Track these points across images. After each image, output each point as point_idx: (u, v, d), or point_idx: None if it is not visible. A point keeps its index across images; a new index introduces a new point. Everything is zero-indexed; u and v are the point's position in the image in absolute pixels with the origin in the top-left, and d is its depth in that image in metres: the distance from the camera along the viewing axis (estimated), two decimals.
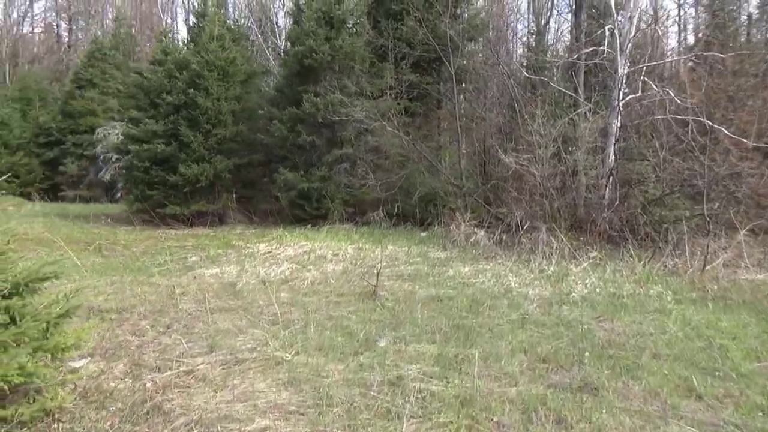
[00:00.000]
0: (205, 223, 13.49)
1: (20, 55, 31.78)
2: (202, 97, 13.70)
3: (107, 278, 7.62)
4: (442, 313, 6.00)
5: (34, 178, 23.06)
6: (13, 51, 31.04)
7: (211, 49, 14.12)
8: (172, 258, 9.28)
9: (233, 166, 13.84)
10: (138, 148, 14.18)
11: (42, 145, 23.38)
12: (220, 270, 8.29)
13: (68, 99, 23.30)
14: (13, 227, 4.76)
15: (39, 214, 16.47)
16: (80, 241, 10.95)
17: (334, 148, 12.93)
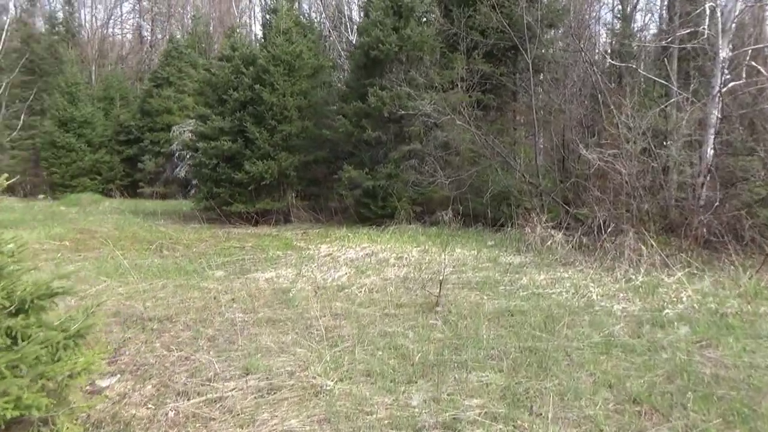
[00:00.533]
0: (270, 222, 13.23)
1: (106, 56, 33.16)
2: (268, 92, 13.43)
3: (160, 281, 7.35)
4: (512, 332, 5.23)
5: (115, 175, 23.87)
6: (100, 52, 32.43)
7: (277, 43, 13.83)
8: (230, 259, 8.97)
9: (299, 163, 13.50)
10: (206, 146, 14.12)
11: (122, 143, 24.15)
12: (276, 274, 7.86)
13: (146, 97, 23.93)
14: (29, 238, 4.41)
15: (115, 211, 16.89)
16: (144, 240, 10.90)
17: (401, 144, 12.29)
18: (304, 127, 13.59)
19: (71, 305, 5.69)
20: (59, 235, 11.27)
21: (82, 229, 12.27)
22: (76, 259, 8.99)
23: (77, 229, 12.27)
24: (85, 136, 23.25)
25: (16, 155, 25.08)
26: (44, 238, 10.94)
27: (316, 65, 14.77)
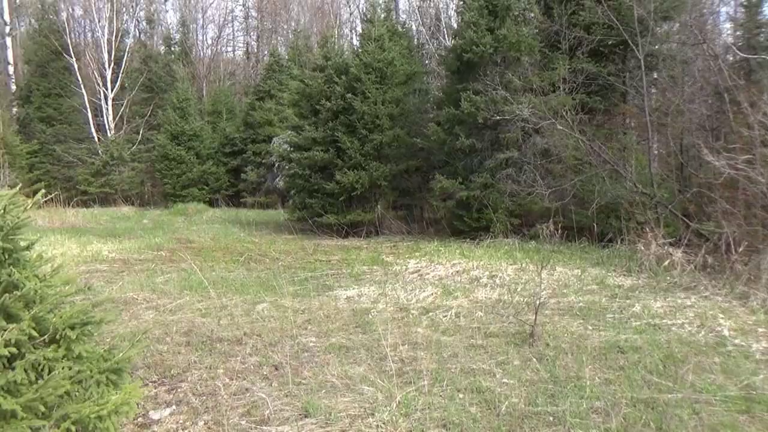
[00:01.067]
0: (360, 234, 12.90)
1: (216, 72, 34.81)
2: (359, 101, 13.15)
3: (240, 297, 7.12)
4: (623, 376, 4.38)
5: (221, 185, 24.78)
6: (210, 69, 34.10)
7: (369, 50, 13.54)
8: (313, 274, 8.65)
9: (390, 173, 13.07)
10: (299, 156, 14.11)
11: (227, 154, 25.05)
12: (358, 292, 7.41)
13: (249, 110, 24.69)
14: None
15: (217, 221, 17.36)
16: (235, 251, 10.90)
17: (497, 152, 11.49)
18: (396, 135, 13.16)
19: (143, 324, 5.56)
20: (157, 245, 11.57)
21: (181, 238, 12.57)
22: (168, 269, 9.06)
23: (176, 238, 12.59)
24: (194, 149, 24.33)
25: (135, 167, 26.72)
26: (143, 248, 11.26)
27: (409, 72, 14.32)
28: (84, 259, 10.17)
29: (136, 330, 5.56)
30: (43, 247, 10.26)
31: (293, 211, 14.53)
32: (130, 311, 6.56)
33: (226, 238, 12.86)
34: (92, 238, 13.06)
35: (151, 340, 5.38)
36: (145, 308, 6.67)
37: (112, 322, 3.60)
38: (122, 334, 5.38)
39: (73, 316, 3.07)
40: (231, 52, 40.11)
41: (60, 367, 2.95)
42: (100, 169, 25.45)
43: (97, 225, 16.46)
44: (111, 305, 6.86)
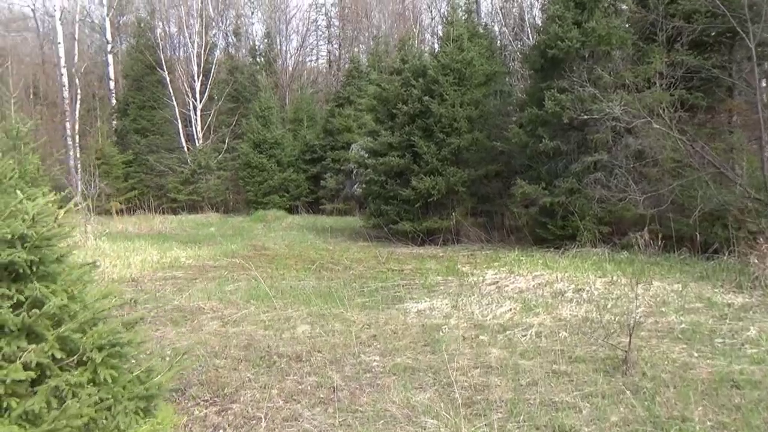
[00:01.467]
0: (437, 242, 12.38)
1: (298, 81, 35.45)
2: (437, 103, 12.68)
3: (306, 308, 6.82)
4: (739, 419, 3.63)
5: (300, 192, 25.01)
6: (293, 78, 34.76)
7: (447, 51, 13.05)
8: (384, 285, 8.23)
9: (468, 179, 12.48)
10: (375, 162, 13.81)
11: (308, 162, 25.25)
12: (430, 305, 6.91)
13: (329, 117, 24.79)
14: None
15: (294, 228, 17.40)
16: (308, 259, 10.71)
17: (585, 154, 10.63)
18: (475, 139, 12.56)
19: (204, 336, 5.33)
20: (233, 252, 11.60)
21: (257, 245, 12.58)
22: (239, 277, 8.95)
23: (252, 245, 12.61)
24: (276, 156, 24.72)
25: (221, 175, 27.54)
26: (219, 255, 11.31)
27: (489, 72, 13.69)
28: (162, 265, 10.31)
29: (190, 345, 5.35)
30: (87, 258, 10.51)
31: (368, 218, 14.25)
32: (195, 321, 6.41)
33: (300, 245, 12.75)
34: (174, 244, 13.34)
35: (209, 353, 5.15)
36: (210, 318, 6.51)
37: (142, 343, 3.28)
38: (178, 349, 5.17)
39: (101, 336, 2.80)
40: (313, 60, 40.78)
41: (84, 394, 2.69)
42: (189, 177, 26.42)
43: (182, 231, 16.93)
44: (144, 326, 6.77)
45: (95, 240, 12.53)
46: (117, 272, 9.66)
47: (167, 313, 6.81)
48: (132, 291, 8.13)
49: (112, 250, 11.80)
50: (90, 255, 11.04)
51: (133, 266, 10.12)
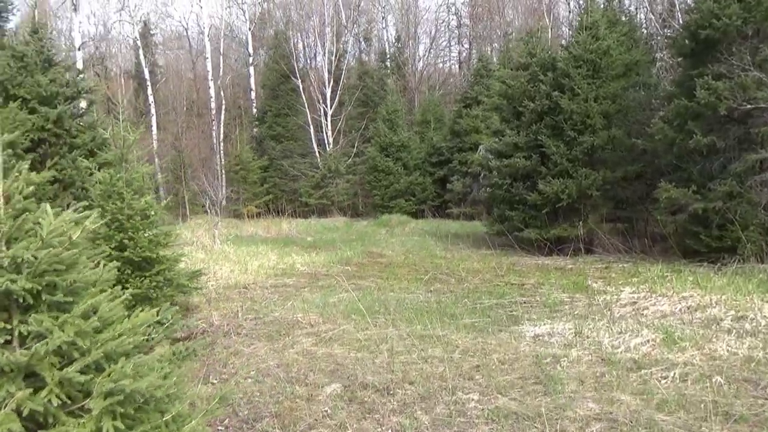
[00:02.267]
0: (566, 252, 11.16)
1: (428, 82, 35.10)
2: (567, 98, 11.48)
3: (409, 327, 6.20)
4: None
5: (427, 196, 24.52)
6: (422, 80, 34.45)
7: (579, 41, 11.79)
8: (500, 301, 7.37)
9: (603, 181, 11.14)
10: (499, 164, 12.89)
11: (434, 165, 24.69)
12: (550, 329, 5.98)
13: (456, 118, 24.04)
14: None
15: (416, 233, 16.93)
16: (422, 268, 10.10)
17: (748, 152, 8.91)
18: (611, 137, 11.17)
19: (291, 356, 4.89)
20: (347, 259, 11.32)
21: (372, 252, 12.22)
22: (348, 287, 8.56)
23: (368, 252, 12.27)
24: (402, 160, 24.49)
25: (350, 179, 27.91)
26: (334, 262, 11.07)
27: (629, 62, 12.18)
28: (276, 271, 10.26)
29: (271, 366, 4.94)
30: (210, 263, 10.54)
31: (492, 224, 13.34)
32: (289, 336, 6.05)
33: (418, 253, 12.18)
34: (295, 249, 13.41)
35: (291, 378, 4.71)
36: (305, 334, 6.12)
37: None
38: (262, 369, 4.79)
39: (111, 379, 2.37)
40: (443, 62, 40.21)
41: None
42: (319, 181, 27.04)
43: (306, 236, 17.12)
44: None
45: (221, 244, 12.92)
46: (234, 277, 9.73)
47: (265, 326, 6.55)
48: (240, 299, 8.04)
49: (235, 254, 12.05)
50: (213, 259, 11.34)
51: (249, 272, 10.17)
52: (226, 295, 8.37)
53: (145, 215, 6.17)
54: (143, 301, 6.08)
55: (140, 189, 6.43)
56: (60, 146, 7.40)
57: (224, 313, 7.29)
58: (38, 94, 7.38)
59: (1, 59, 7.34)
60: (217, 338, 6.23)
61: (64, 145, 7.42)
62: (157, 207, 6.48)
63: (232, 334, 6.33)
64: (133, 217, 6.08)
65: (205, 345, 6.02)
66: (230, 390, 4.44)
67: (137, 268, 6.18)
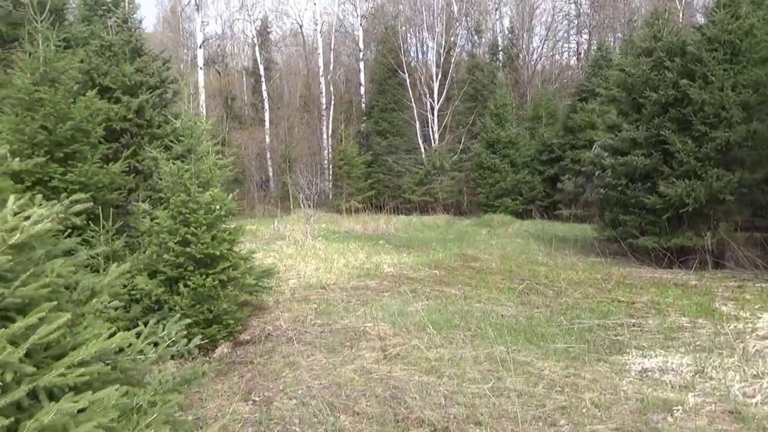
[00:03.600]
0: (690, 265, 9.64)
1: (542, 75, 33.29)
2: (698, 87, 9.94)
3: (486, 349, 5.37)
4: None
5: (535, 195, 23.09)
6: (533, 73, 32.71)
7: (716, 20, 10.17)
8: (602, 322, 6.30)
9: (739, 184, 9.50)
10: (614, 162, 11.52)
11: (544, 162, 23.18)
12: (663, 362, 4.91)
13: (570, 113, 22.39)
14: None
15: (520, 235, 15.83)
16: (517, 276, 9.12)
17: None
18: (751, 131, 9.48)
19: (344, 377, 4.25)
20: (438, 262, 10.56)
21: (466, 255, 11.36)
22: (430, 294, 7.83)
23: (461, 254, 11.42)
24: (510, 157, 23.27)
25: (455, 176, 27.02)
26: (423, 264, 10.37)
27: None
28: (360, 271, 9.74)
29: (320, 388, 4.34)
30: (300, 261, 10.16)
31: (602, 228, 11.97)
32: (352, 349, 5.45)
33: (517, 258, 11.15)
34: (387, 247, 12.88)
35: (337, 405, 4.09)
36: (371, 348, 5.48)
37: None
38: (311, 389, 4.20)
39: None
40: (559, 54, 38.01)
41: None
42: (423, 178, 26.40)
43: (404, 234, 16.54)
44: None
45: (313, 240, 12.65)
46: (317, 276, 9.34)
47: (331, 335, 6.00)
48: (316, 301, 7.58)
49: (324, 251, 11.72)
50: (301, 256, 11.07)
51: (333, 271, 9.74)
52: (304, 296, 7.95)
53: (209, 209, 5.82)
54: (205, 300, 5.76)
55: (207, 182, 6.11)
56: (141, 136, 7.31)
57: (295, 315, 6.85)
58: (123, 84, 7.35)
59: (91, 49, 7.38)
60: (279, 345, 5.77)
61: (146, 135, 7.33)
62: (227, 201, 6.12)
63: (294, 341, 5.84)
64: (197, 211, 5.76)
65: (265, 352, 5.58)
66: (266, 416, 3.90)
67: (200, 264, 5.85)
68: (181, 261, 5.74)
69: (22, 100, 5.83)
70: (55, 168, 5.81)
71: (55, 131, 5.79)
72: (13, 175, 5.70)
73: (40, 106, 5.81)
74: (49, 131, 5.78)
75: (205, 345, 5.79)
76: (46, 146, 5.81)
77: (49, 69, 5.98)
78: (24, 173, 5.68)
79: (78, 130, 5.98)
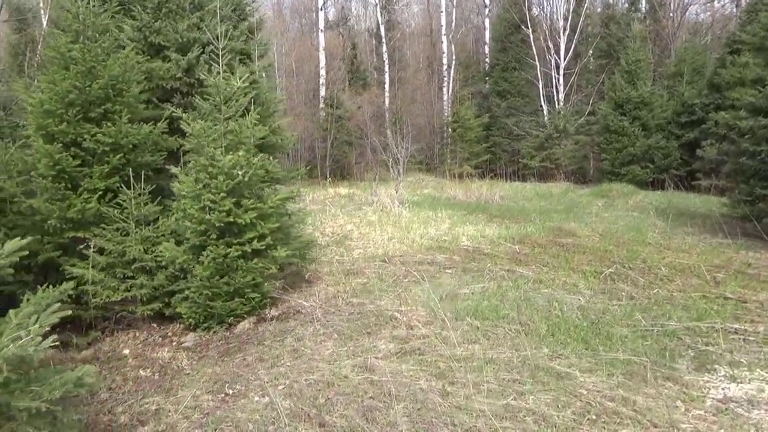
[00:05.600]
0: None
1: (688, 27, 29.35)
2: None
3: (527, 351, 4.43)
4: None
5: (669, 163, 20.43)
6: (679, 25, 28.85)
7: None
8: (694, 325, 5.00)
9: None
10: (753, 124, 9.56)
11: (683, 126, 20.36)
12: (756, 391, 3.70)
13: (717, 68, 19.35)
14: None
15: (639, 208, 14.07)
16: (611, 257, 7.79)
17: None
18: None
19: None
20: (525, 236, 9.44)
21: (562, 230, 10.08)
22: (497, 275, 6.86)
23: (556, 229, 10.16)
24: (641, 119, 20.75)
25: (579, 140, 24.83)
26: (508, 237, 9.31)
27: None
28: (435, 243, 8.95)
29: (306, 385, 3.71)
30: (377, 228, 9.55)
31: (734, 205, 10.05)
32: (369, 339, 4.77)
33: (623, 235, 9.68)
34: (480, 217, 11.90)
35: (313, 409, 3.46)
36: (391, 337, 4.76)
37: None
38: (280, 386, 3.61)
39: None
40: (712, 1, 33.15)
41: None
42: (543, 142, 24.58)
43: (508, 202, 15.34)
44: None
45: (400, 207, 12.00)
46: (387, 246, 8.72)
47: (359, 318, 5.35)
48: (370, 275, 6.96)
49: (408, 219, 11.03)
50: (381, 224, 10.51)
51: (406, 242, 9.05)
52: (360, 268, 7.36)
53: (231, 175, 5.36)
54: (226, 272, 5.37)
55: (236, 145, 5.65)
56: (192, 95, 7.02)
57: (336, 291, 6.29)
58: (175, 41, 7.08)
59: (146, 5, 7.16)
60: (300, 325, 5.25)
61: (197, 94, 7.02)
62: (258, 165, 5.62)
63: (317, 322, 5.28)
64: (216, 176, 5.33)
65: (282, 332, 5.09)
66: (215, 420, 3.37)
67: (223, 233, 5.46)
68: (203, 228, 5.38)
69: (58, 59, 5.71)
70: (88, 128, 5.65)
71: (86, 90, 5.61)
72: (46, 136, 5.67)
73: (74, 64, 5.65)
74: (80, 90, 5.60)
75: (227, 319, 5.44)
76: (78, 105, 5.65)
77: (84, 26, 5.80)
78: (58, 133, 5.57)
79: (111, 88, 5.76)
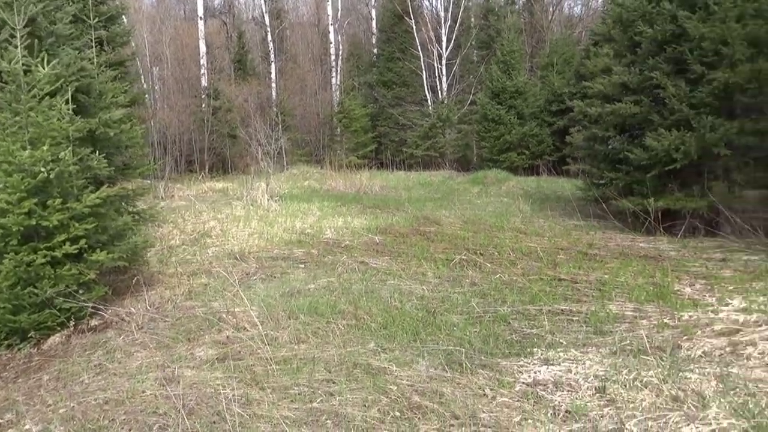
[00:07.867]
0: (677, 231, 8.23)
1: (564, 20, 30.93)
2: (696, 20, 8.31)
3: (355, 348, 4.25)
4: None
5: (543, 150, 21.44)
6: (553, 17, 30.34)
7: None
8: (525, 308, 5.05)
9: (740, 134, 7.94)
10: (599, 111, 10.03)
11: (554, 114, 21.40)
12: (566, 371, 3.73)
13: (583, 59, 20.43)
14: None
15: (510, 194, 14.56)
16: (467, 244, 7.85)
17: None
18: (758, 72, 7.85)
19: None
20: (388, 226, 9.38)
21: (427, 218, 10.12)
22: (352, 266, 6.68)
23: (421, 217, 10.20)
24: (516, 108, 21.57)
25: (462, 129, 25.44)
26: (368, 229, 9.20)
27: None
28: (295, 237, 8.67)
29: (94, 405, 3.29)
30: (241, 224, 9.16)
31: (587, 188, 10.56)
32: (189, 344, 4.40)
33: (487, 221, 9.88)
34: (353, 209, 11.74)
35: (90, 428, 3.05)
36: (212, 342, 4.41)
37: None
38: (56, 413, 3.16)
39: None
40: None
41: None
42: (428, 131, 24.95)
43: (387, 192, 15.35)
44: None
45: (269, 201, 11.58)
46: (245, 243, 8.31)
47: (187, 322, 4.96)
48: (216, 275, 6.54)
49: (276, 213, 10.66)
50: (247, 219, 10.07)
51: (267, 237, 8.69)
52: (208, 268, 6.93)
53: (32, 172, 4.76)
54: (32, 281, 4.77)
55: (39, 138, 5.03)
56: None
57: (171, 295, 5.83)
58: None
59: None
60: (119, 335, 4.77)
61: None
62: (65, 161, 5.03)
63: (139, 330, 4.82)
64: (12, 174, 4.71)
65: (94, 345, 4.59)
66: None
67: (27, 238, 4.84)
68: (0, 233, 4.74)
69: None
70: None
71: None
72: None
73: None
74: None
75: (35, 334, 4.85)
76: None
77: None
78: None
79: None
